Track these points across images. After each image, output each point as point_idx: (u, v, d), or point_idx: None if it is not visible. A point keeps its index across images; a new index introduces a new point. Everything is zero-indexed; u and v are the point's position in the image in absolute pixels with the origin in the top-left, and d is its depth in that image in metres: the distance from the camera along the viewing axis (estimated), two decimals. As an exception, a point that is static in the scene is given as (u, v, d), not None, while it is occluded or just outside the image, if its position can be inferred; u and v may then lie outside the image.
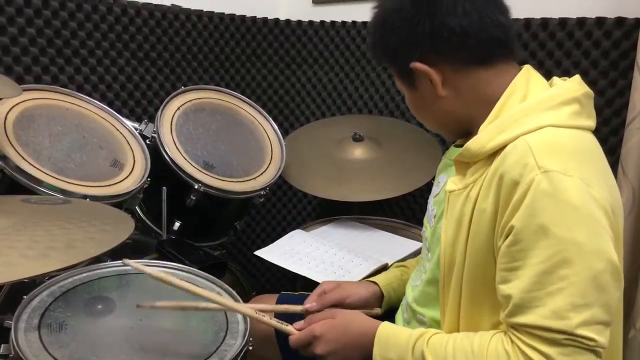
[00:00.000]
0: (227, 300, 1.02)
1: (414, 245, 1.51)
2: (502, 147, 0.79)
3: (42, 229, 0.65)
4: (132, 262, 0.91)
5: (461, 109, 0.89)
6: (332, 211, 1.76)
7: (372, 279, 1.13)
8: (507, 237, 0.76)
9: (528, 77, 0.86)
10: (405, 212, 1.93)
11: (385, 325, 0.89)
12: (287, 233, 1.54)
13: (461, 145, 0.95)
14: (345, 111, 2.04)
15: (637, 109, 1.36)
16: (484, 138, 0.82)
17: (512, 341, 0.76)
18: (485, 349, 0.78)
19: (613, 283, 0.73)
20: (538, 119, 0.79)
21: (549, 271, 0.72)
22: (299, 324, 0.96)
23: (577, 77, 0.86)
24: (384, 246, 1.50)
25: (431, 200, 1.00)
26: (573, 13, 1.52)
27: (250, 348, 0.96)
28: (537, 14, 1.56)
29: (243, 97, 1.72)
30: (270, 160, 1.59)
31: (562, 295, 0.72)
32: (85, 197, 1.17)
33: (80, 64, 1.68)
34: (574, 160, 0.76)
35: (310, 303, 1.04)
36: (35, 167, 1.17)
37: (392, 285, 1.10)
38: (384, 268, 1.37)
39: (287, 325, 0.97)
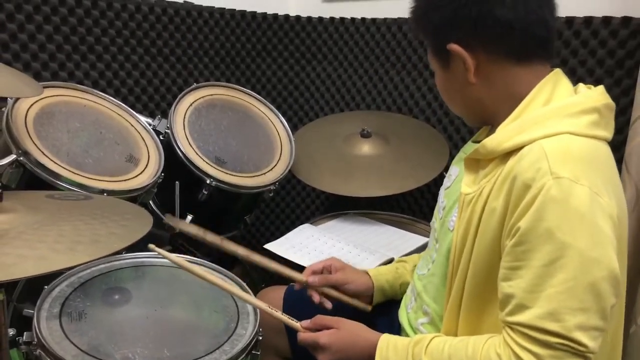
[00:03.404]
0: (242, 292, 1.06)
1: (420, 240, 1.54)
2: (518, 148, 0.81)
3: (68, 224, 0.69)
4: (157, 248, 0.96)
5: (488, 99, 0.90)
6: (339, 206, 1.80)
7: (366, 269, 1.15)
8: (513, 237, 0.78)
9: (556, 81, 0.87)
10: (412, 207, 1.97)
11: (385, 337, 0.93)
12: (295, 227, 1.58)
13: (478, 142, 0.98)
14: (353, 107, 2.07)
15: (642, 108, 1.38)
16: (501, 137, 0.83)
17: (505, 342, 0.79)
18: (478, 353, 0.81)
19: (611, 290, 0.75)
20: (557, 124, 0.80)
21: (549, 274, 0.75)
22: (306, 323, 0.99)
23: (600, 87, 0.86)
24: (390, 241, 1.53)
25: (442, 192, 1.01)
26: (580, 12, 1.54)
27: (260, 338, 1.00)
28: (544, 13, 1.58)
29: (253, 93, 1.75)
30: (280, 156, 1.63)
31: (560, 298, 0.74)
32: (102, 191, 1.21)
33: (95, 60, 1.72)
34: (586, 169, 0.77)
35: (315, 274, 1.08)
36: (54, 162, 1.22)
37: (384, 277, 1.13)
38: (390, 262, 1.41)
39: (295, 322, 1.00)
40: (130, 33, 1.78)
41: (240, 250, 1.10)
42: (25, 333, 0.95)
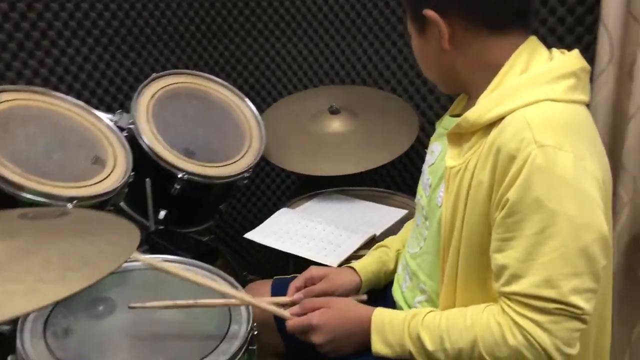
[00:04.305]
0: (225, 288, 1.03)
1: (398, 213, 1.55)
2: (500, 119, 0.81)
3: (52, 248, 0.65)
4: (139, 255, 0.92)
5: (462, 67, 0.90)
6: (314, 185, 1.78)
7: (351, 264, 1.14)
8: (502, 209, 0.79)
9: (532, 48, 0.87)
10: (384, 179, 1.97)
11: (379, 311, 0.93)
12: (272, 212, 1.56)
13: (456, 115, 0.97)
14: (317, 83, 2.04)
15: (604, 63, 1.40)
16: (482, 109, 0.83)
17: (503, 311, 0.80)
18: (477, 322, 0.82)
19: (601, 252, 0.77)
20: (536, 92, 0.81)
21: (541, 242, 0.76)
22: (295, 309, 0.99)
23: (575, 51, 0.87)
24: (369, 217, 1.53)
25: (426, 169, 1.01)
26: (538, -29, 1.54)
27: (256, 332, 0.99)
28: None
29: (216, 78, 1.69)
30: (250, 141, 1.59)
31: (553, 265, 0.76)
32: (71, 199, 1.16)
33: (43, 57, 1.63)
34: (568, 135, 0.78)
35: (297, 291, 1.06)
36: (16, 172, 1.15)
37: (370, 269, 1.12)
38: (372, 239, 1.41)
39: (283, 310, 0.99)
40: (78, 24, 1.68)
41: (219, 302, 1.03)
42: (9, 357, 0.91)
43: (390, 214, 1.54)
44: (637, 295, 1.40)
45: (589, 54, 1.53)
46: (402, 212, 1.54)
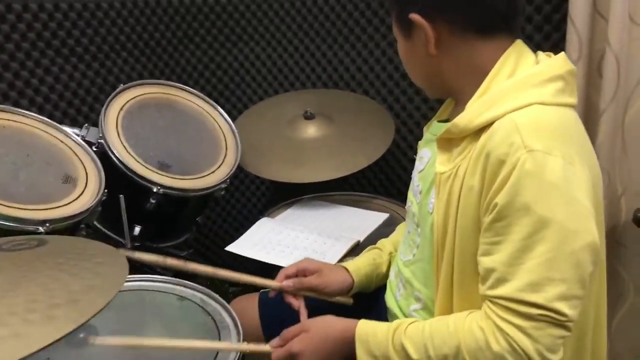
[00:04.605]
0: (221, 345, 0.99)
1: (380, 217, 1.54)
2: (489, 124, 0.81)
3: (34, 284, 0.60)
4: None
5: (449, 72, 0.89)
6: (289, 191, 1.75)
7: (344, 264, 1.13)
8: (491, 213, 0.78)
9: (518, 52, 0.86)
10: (361, 181, 1.96)
11: (363, 323, 0.91)
12: (249, 220, 1.53)
13: (444, 120, 0.96)
14: (288, 87, 2.01)
15: (573, 60, 1.42)
16: (471, 114, 0.82)
17: (487, 316, 0.79)
18: (460, 329, 0.81)
19: (590, 259, 0.77)
20: (525, 96, 0.80)
21: (528, 247, 0.75)
22: (275, 341, 0.96)
23: (562, 54, 0.87)
24: (351, 223, 1.51)
25: (416, 176, 1.00)
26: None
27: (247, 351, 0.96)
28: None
29: (186, 87, 1.64)
30: (226, 151, 1.55)
31: (539, 269, 0.75)
32: (44, 222, 1.10)
33: (1, 71, 1.54)
34: (557, 139, 0.78)
35: (289, 278, 1.06)
36: (-19, 197, 1.08)
37: (363, 271, 1.11)
38: (357, 246, 1.40)
39: (264, 346, 0.97)
40: (37, 35, 1.61)
41: (206, 269, 1.05)
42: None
43: (372, 219, 1.53)
44: (614, 288, 1.44)
45: (558, 51, 1.54)
46: (383, 216, 1.53)
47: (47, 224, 1.10)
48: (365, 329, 0.90)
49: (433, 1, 0.85)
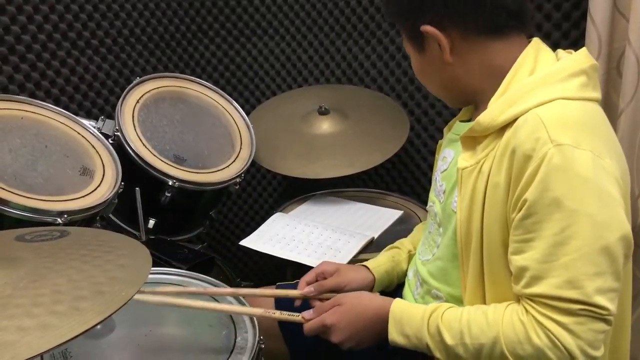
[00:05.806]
0: (232, 306, 1.01)
1: (394, 214, 1.53)
2: (513, 120, 0.80)
3: (58, 276, 0.60)
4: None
5: (467, 77, 0.89)
6: (301, 187, 1.75)
7: (364, 263, 1.12)
8: (520, 210, 0.78)
9: (537, 49, 0.86)
10: (373, 178, 1.95)
11: (398, 302, 0.91)
12: (265, 217, 1.52)
13: (466, 120, 0.96)
14: (301, 82, 2.00)
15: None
16: (495, 111, 0.82)
17: (527, 311, 0.79)
18: (500, 320, 0.80)
19: (622, 251, 0.76)
20: (548, 91, 0.80)
21: (562, 242, 0.75)
22: (308, 313, 0.96)
23: (583, 50, 0.87)
24: (365, 219, 1.51)
25: (439, 176, 0.99)
26: (525, -32, 1.54)
27: (263, 346, 0.96)
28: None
29: (202, 81, 1.64)
30: (241, 145, 1.55)
31: (575, 265, 0.74)
32: (61, 213, 1.10)
33: (18, 62, 1.54)
34: (584, 132, 0.77)
35: (308, 285, 1.05)
36: (1, 187, 1.08)
37: (384, 268, 1.11)
38: (371, 242, 1.39)
39: (297, 316, 0.97)
40: (53, 27, 1.61)
41: (226, 290, 1.05)
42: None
43: (386, 215, 1.52)
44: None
45: (577, 49, 1.54)
46: (397, 213, 1.53)
47: (65, 215, 1.10)
48: (400, 307, 0.90)
49: (441, 9, 0.84)
